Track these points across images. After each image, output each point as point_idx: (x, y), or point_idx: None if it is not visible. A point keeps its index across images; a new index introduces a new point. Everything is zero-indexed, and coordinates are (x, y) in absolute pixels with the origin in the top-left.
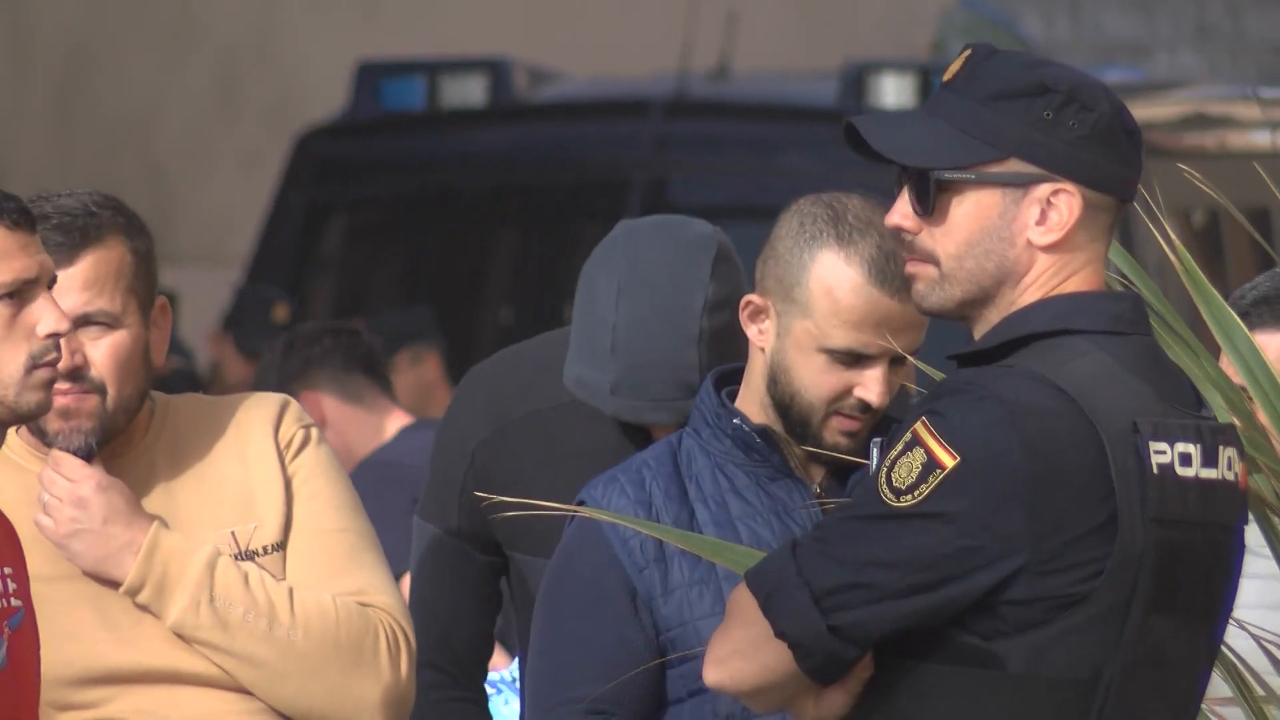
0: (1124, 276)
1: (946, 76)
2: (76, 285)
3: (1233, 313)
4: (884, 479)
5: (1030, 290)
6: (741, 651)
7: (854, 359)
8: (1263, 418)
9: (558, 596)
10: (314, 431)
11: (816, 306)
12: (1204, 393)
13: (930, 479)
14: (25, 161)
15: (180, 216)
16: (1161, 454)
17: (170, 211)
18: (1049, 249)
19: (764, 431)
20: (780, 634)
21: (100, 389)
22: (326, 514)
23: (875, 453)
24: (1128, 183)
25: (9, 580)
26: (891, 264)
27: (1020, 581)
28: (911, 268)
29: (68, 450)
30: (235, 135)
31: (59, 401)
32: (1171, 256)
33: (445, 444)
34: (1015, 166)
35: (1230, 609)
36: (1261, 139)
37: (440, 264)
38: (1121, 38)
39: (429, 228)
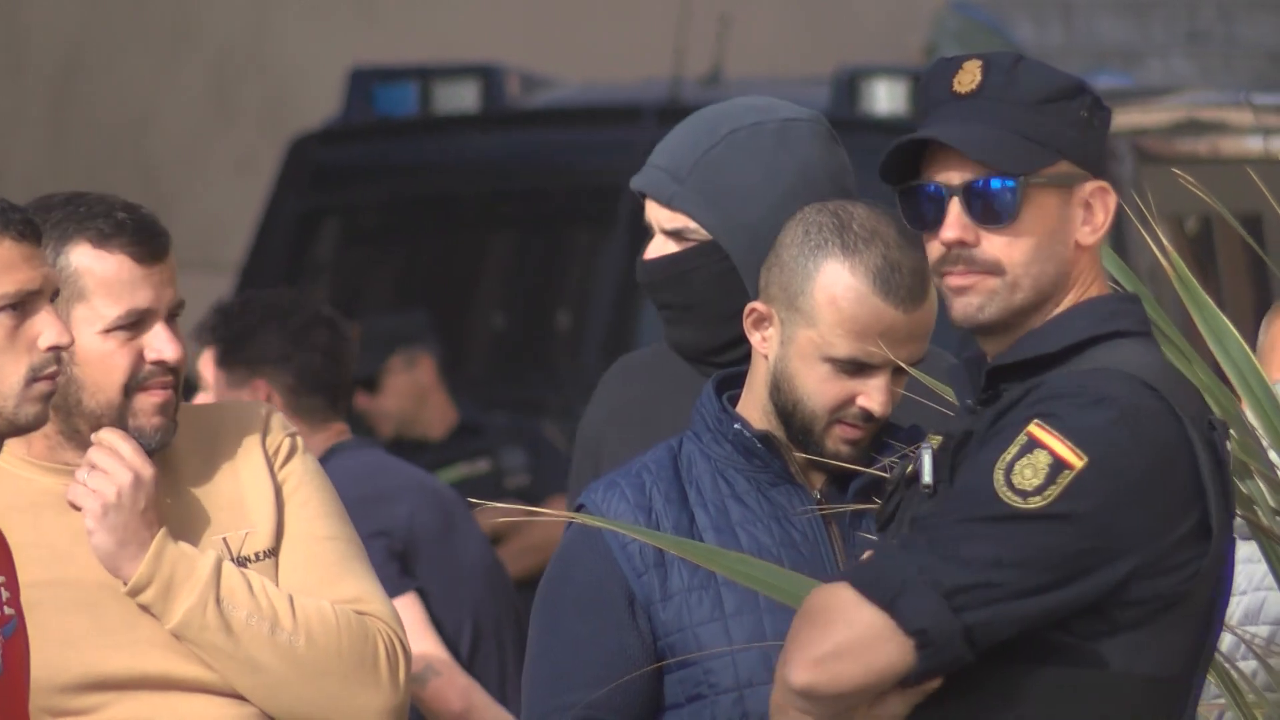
0: (1117, 282)
1: (967, 88)
2: (170, 278)
3: (1224, 318)
4: (1002, 481)
5: (1071, 293)
6: (847, 652)
7: (857, 368)
8: (1254, 422)
9: (555, 601)
10: (299, 440)
11: (821, 316)
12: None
13: (1059, 480)
14: (19, 164)
15: (174, 220)
16: (1226, 452)
17: (164, 215)
18: (1090, 249)
19: (765, 437)
20: (914, 632)
21: (180, 381)
22: (317, 521)
23: (928, 460)
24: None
25: (2, 589)
26: (897, 274)
27: (1134, 582)
28: (966, 280)
29: (164, 447)
30: (230, 139)
31: (160, 396)
32: (1164, 262)
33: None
34: (1064, 168)
35: None
36: (1254, 145)
37: (433, 269)
38: (1114, 43)
39: (422, 233)
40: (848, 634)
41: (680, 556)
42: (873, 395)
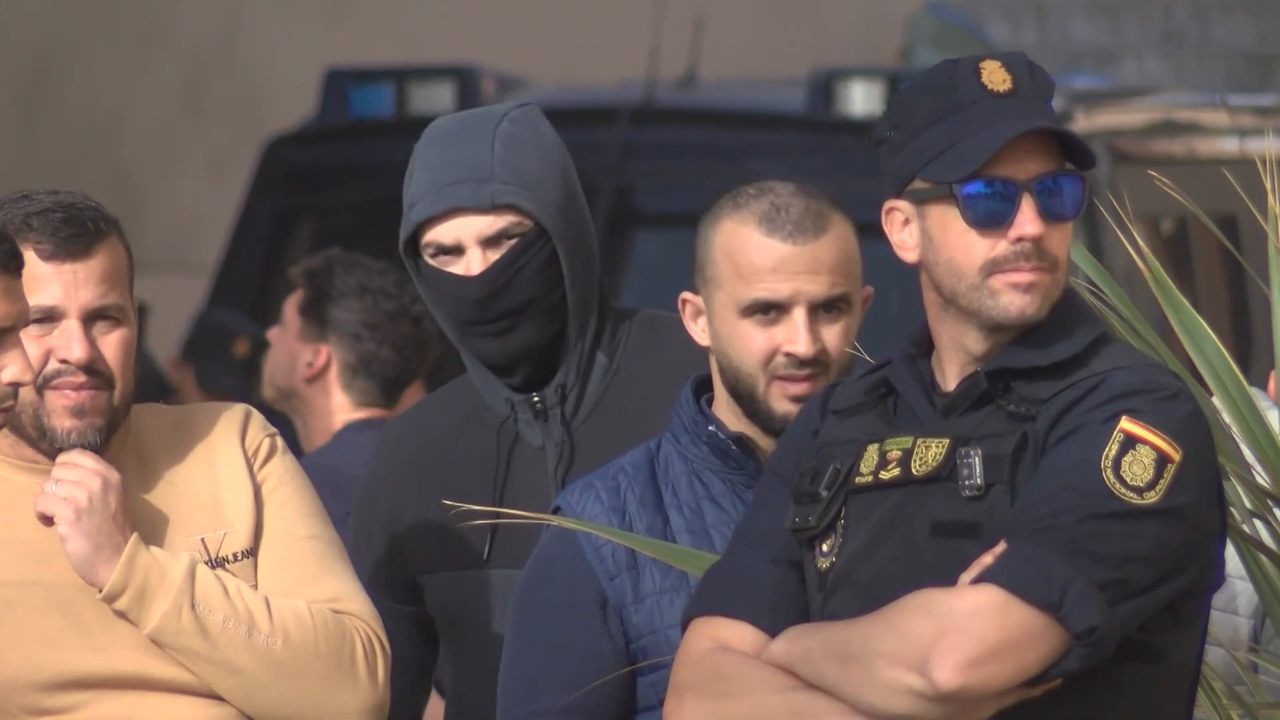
0: (1092, 284)
1: (1002, 86)
2: (95, 278)
3: (1200, 319)
4: (1113, 478)
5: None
6: (1008, 652)
7: (770, 312)
8: (1229, 422)
9: (530, 604)
10: (279, 440)
11: (723, 273)
12: None
13: (1165, 473)
14: None
15: (147, 220)
16: None
17: (136, 216)
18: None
19: (739, 438)
20: (1084, 631)
21: (110, 384)
22: (296, 521)
23: (977, 463)
24: None
25: None
26: (783, 214)
27: (1205, 573)
28: (1034, 277)
29: (79, 448)
30: (202, 140)
31: (72, 399)
32: (1140, 263)
33: (360, 502)
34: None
35: None
36: (1229, 146)
37: (408, 270)
38: (1088, 44)
39: (397, 234)
40: (1000, 635)
41: (653, 559)
42: (794, 335)
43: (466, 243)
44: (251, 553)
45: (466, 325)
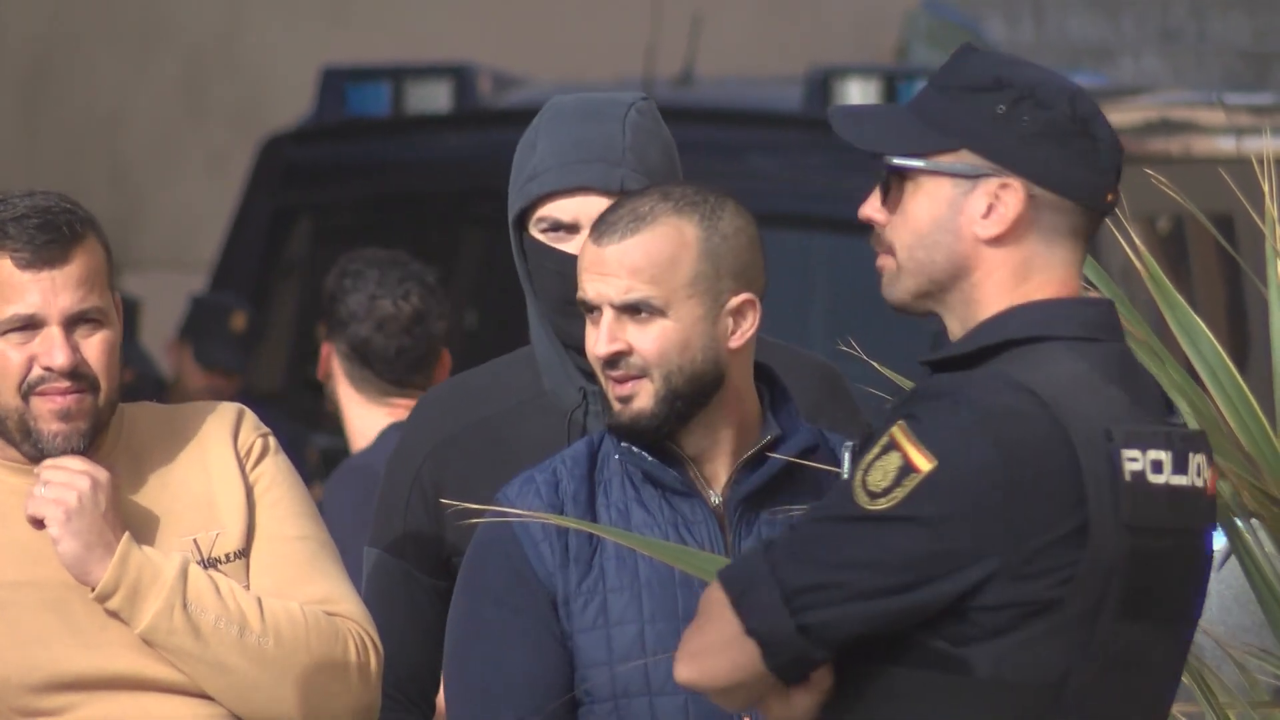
0: (1089, 282)
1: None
2: (73, 283)
3: (1197, 318)
4: (860, 481)
5: (988, 289)
6: (713, 648)
7: (584, 313)
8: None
9: (471, 605)
10: (271, 440)
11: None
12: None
13: (905, 482)
14: None
15: (146, 219)
16: (1134, 461)
17: (135, 214)
18: (996, 244)
19: (663, 449)
20: (750, 631)
21: (94, 386)
22: (288, 521)
23: (847, 457)
24: (1087, 186)
25: None
26: (608, 213)
27: (993, 587)
28: (879, 261)
29: (66, 452)
30: (201, 138)
31: (58, 403)
32: (1136, 262)
33: (393, 467)
34: (967, 159)
35: (1199, 615)
36: (1226, 144)
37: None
38: (1086, 41)
39: (394, 232)
40: (714, 631)
41: (591, 554)
42: (590, 335)
43: (584, 222)
44: (244, 553)
45: (568, 304)
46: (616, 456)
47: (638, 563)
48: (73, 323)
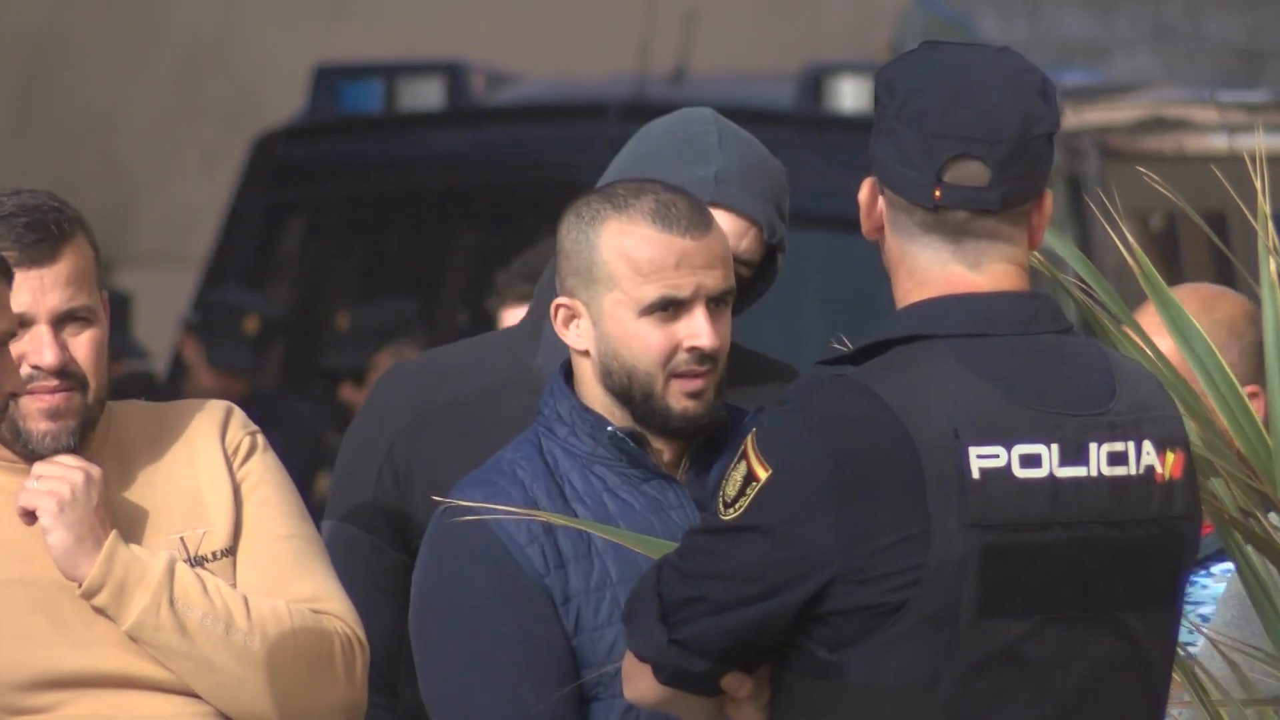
0: (1081, 279)
1: None
2: (61, 281)
3: (1189, 315)
4: (721, 492)
5: (898, 289)
6: (631, 670)
7: (671, 308)
8: (1223, 423)
9: (457, 611)
10: (260, 438)
11: (618, 274)
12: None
13: (748, 491)
14: None
15: (140, 216)
16: (991, 458)
17: (130, 211)
18: (885, 245)
19: (634, 434)
20: (633, 650)
21: (83, 385)
22: (276, 520)
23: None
24: (907, 183)
25: None
26: (673, 209)
27: (835, 592)
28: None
29: (56, 451)
30: (196, 135)
31: (47, 402)
32: (1129, 259)
33: (360, 438)
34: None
35: (1165, 601)
36: (1219, 142)
37: (398, 265)
38: (1079, 38)
39: (387, 230)
40: (629, 653)
41: (573, 558)
42: (696, 330)
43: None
44: (231, 551)
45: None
46: (571, 450)
47: (636, 554)
48: (61, 321)
